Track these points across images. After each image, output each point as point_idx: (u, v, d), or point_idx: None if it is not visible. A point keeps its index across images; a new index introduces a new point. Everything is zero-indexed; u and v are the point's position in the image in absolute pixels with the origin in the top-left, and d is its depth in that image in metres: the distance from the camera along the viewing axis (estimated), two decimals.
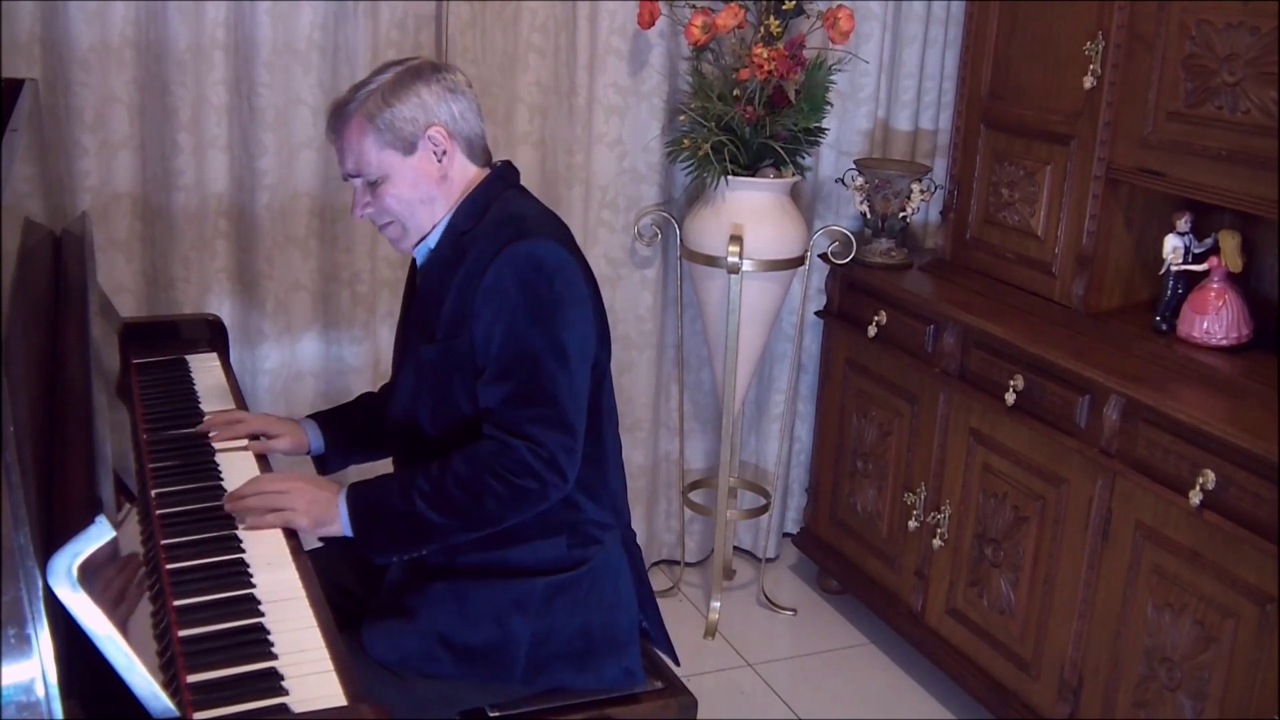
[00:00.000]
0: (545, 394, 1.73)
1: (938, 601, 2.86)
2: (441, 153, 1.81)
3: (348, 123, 1.80)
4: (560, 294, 1.75)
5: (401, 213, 1.83)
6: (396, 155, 1.80)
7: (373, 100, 1.78)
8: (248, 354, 2.81)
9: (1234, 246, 2.41)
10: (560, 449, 1.74)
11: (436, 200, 1.84)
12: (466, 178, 1.86)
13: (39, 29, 2.49)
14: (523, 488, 1.73)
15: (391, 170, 1.80)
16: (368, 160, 1.80)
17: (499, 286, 1.73)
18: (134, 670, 1.13)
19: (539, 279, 1.73)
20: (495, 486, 1.72)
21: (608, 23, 2.97)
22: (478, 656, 1.80)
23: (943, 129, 3.33)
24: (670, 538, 3.45)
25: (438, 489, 1.73)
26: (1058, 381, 2.48)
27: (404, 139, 1.79)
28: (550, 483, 1.74)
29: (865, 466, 3.11)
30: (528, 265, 1.74)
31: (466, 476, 1.72)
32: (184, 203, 2.66)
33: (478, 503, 1.72)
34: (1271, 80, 2.20)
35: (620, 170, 3.09)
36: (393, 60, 1.87)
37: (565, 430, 1.75)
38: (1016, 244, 2.82)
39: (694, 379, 3.35)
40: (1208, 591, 2.17)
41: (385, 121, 1.78)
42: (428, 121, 1.79)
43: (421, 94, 1.79)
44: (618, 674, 1.89)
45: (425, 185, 1.82)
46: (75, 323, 1.69)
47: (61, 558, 1.08)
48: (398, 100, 1.78)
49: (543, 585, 1.83)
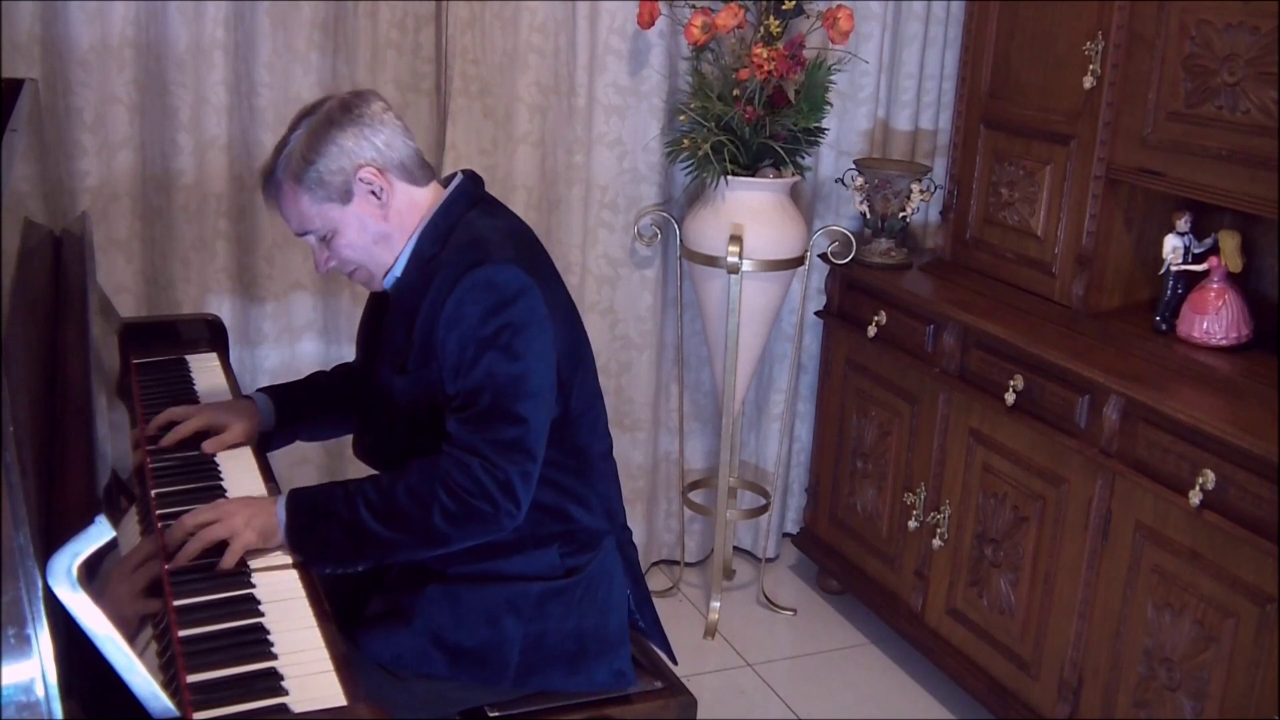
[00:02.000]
0: (505, 416, 1.71)
1: (938, 601, 2.86)
2: (379, 189, 1.77)
3: (280, 189, 1.78)
4: (520, 319, 1.72)
5: (361, 259, 1.82)
6: (336, 207, 1.77)
7: (294, 161, 1.75)
8: (248, 354, 2.81)
9: (1234, 246, 2.41)
10: (518, 475, 1.70)
11: (391, 235, 1.81)
12: (418, 203, 1.82)
13: (39, 29, 2.49)
14: (475, 508, 1.69)
15: (336, 223, 1.78)
16: (309, 219, 1.78)
17: (459, 314, 1.71)
18: (134, 670, 1.13)
19: (498, 304, 1.71)
20: (446, 502, 1.68)
21: (608, 23, 2.97)
22: (471, 657, 1.80)
23: (943, 129, 3.33)
24: (670, 538, 3.45)
25: (386, 498, 1.69)
26: (1058, 381, 2.48)
27: (337, 189, 1.76)
28: (503, 508, 1.70)
29: (865, 466, 3.11)
30: (486, 291, 1.71)
31: (418, 487, 1.69)
32: (184, 203, 2.66)
33: (426, 516, 1.68)
34: (1271, 80, 2.20)
35: (620, 170, 3.09)
36: (305, 109, 1.81)
37: (524, 454, 1.72)
38: (1016, 244, 2.82)
39: (694, 379, 3.35)
40: (1208, 591, 2.17)
41: (313, 179, 1.74)
42: (354, 165, 1.75)
43: (339, 140, 1.74)
44: (608, 676, 1.89)
45: (373, 225, 1.79)
46: (75, 323, 1.69)
47: (61, 558, 1.08)
48: (317, 155, 1.74)
49: (537, 589, 1.83)
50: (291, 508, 1.68)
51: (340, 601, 1.88)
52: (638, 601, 1.99)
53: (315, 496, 1.72)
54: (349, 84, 2.74)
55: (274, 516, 1.67)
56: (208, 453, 1.90)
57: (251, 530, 1.63)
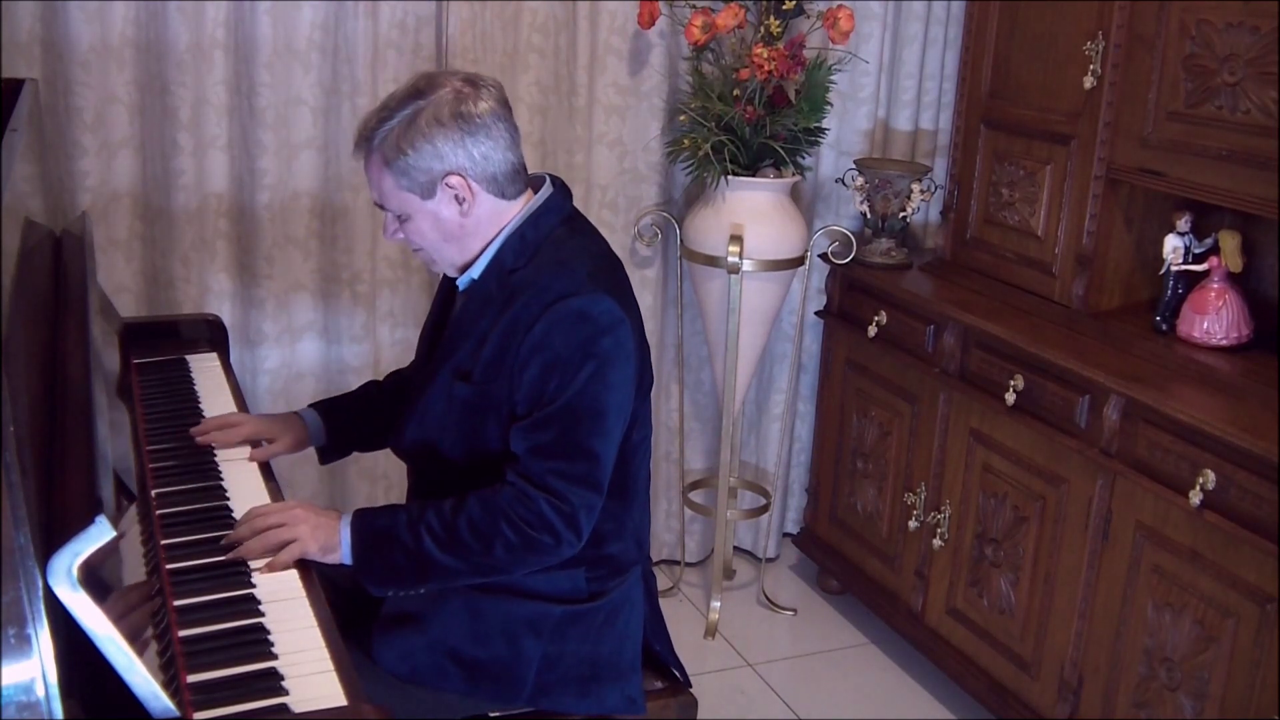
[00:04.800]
0: (578, 450, 1.70)
1: (938, 601, 2.86)
2: (463, 198, 1.73)
3: (370, 159, 1.74)
4: (608, 352, 1.70)
5: (428, 247, 1.79)
6: (415, 198, 1.73)
7: (389, 143, 1.70)
8: (248, 354, 2.81)
9: (1234, 246, 2.41)
10: (583, 507, 1.70)
11: (465, 240, 1.77)
12: (501, 214, 1.77)
13: (39, 29, 2.49)
14: (537, 540, 1.68)
15: (412, 211, 1.74)
16: (388, 198, 1.74)
17: (548, 343, 1.68)
18: (134, 670, 1.13)
19: (589, 338, 1.68)
20: (508, 534, 1.68)
21: (608, 23, 2.97)
22: (486, 673, 1.79)
23: (943, 129, 3.33)
24: (670, 538, 3.45)
25: (448, 529, 1.69)
26: (1058, 381, 2.48)
27: (421, 185, 1.71)
28: (565, 540, 1.70)
29: (865, 466, 3.11)
30: (578, 323, 1.68)
31: (480, 521, 1.68)
32: (184, 203, 2.66)
33: (488, 548, 1.68)
34: (1271, 80, 2.20)
35: (620, 170, 3.09)
36: (420, 85, 1.73)
37: (592, 488, 1.71)
38: (1016, 244, 2.82)
39: (694, 379, 3.35)
40: (1208, 591, 2.17)
41: (400, 168, 1.70)
42: (444, 170, 1.70)
43: (435, 142, 1.69)
44: (620, 701, 1.87)
45: (450, 226, 1.75)
46: (75, 323, 1.69)
47: (61, 558, 1.08)
48: (411, 148, 1.69)
49: (559, 612, 1.81)
50: (356, 529, 1.70)
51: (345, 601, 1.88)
52: (655, 627, 1.98)
53: (379, 521, 1.72)
54: (349, 84, 2.74)
55: (337, 534, 1.68)
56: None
57: (315, 542, 1.65)
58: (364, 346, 2.90)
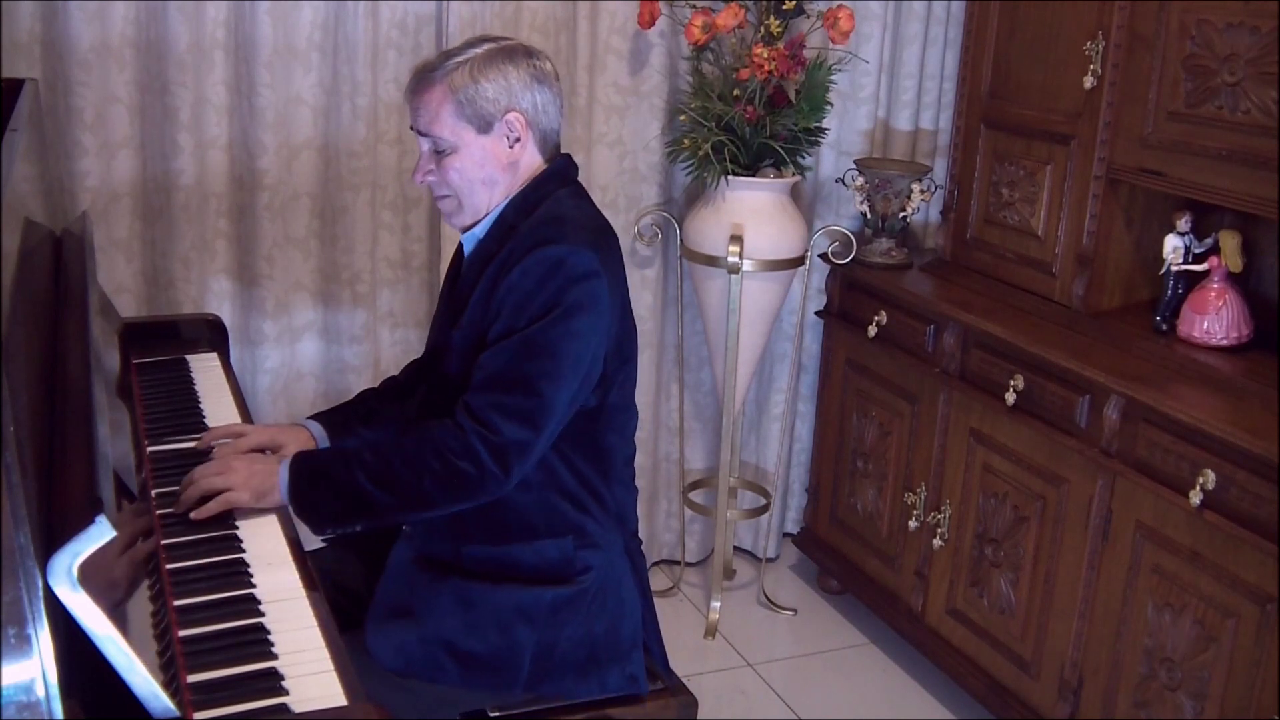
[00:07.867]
0: (523, 384, 1.71)
1: (938, 601, 2.86)
2: (515, 139, 1.81)
3: (431, 87, 1.79)
4: (578, 300, 1.73)
5: (461, 188, 1.83)
6: (471, 131, 1.79)
7: (460, 72, 1.78)
8: (248, 354, 2.81)
9: (1234, 246, 2.41)
10: (514, 443, 1.71)
11: (498, 184, 1.83)
12: (530, 168, 1.85)
13: (39, 29, 2.49)
14: (460, 470, 1.70)
15: (462, 144, 1.80)
16: (440, 125, 1.79)
17: (520, 284, 1.73)
18: (134, 670, 1.13)
19: (561, 284, 1.72)
20: (434, 465, 1.70)
21: (608, 23, 2.97)
22: (482, 664, 1.79)
23: (943, 129, 3.33)
24: (670, 538, 3.45)
25: (382, 462, 1.72)
26: (1058, 381, 2.48)
27: (482, 117, 1.79)
28: (489, 473, 1.70)
29: (865, 466, 3.12)
30: (554, 268, 1.73)
31: (412, 452, 1.71)
32: (184, 203, 2.66)
33: (418, 480, 1.70)
34: (1271, 80, 2.20)
35: (620, 170, 3.09)
36: (487, 35, 1.87)
37: (528, 425, 1.71)
38: (1016, 244, 2.82)
39: (694, 379, 3.35)
40: (1208, 591, 2.17)
41: (468, 95, 1.77)
42: (509, 105, 1.79)
43: (509, 76, 1.78)
44: (621, 681, 1.88)
45: (491, 167, 1.81)
46: (75, 323, 1.69)
47: (62, 558, 1.08)
48: (484, 78, 1.77)
49: (550, 596, 1.82)
50: (294, 470, 1.73)
51: (347, 601, 1.88)
52: (642, 613, 1.98)
53: (316, 460, 1.76)
54: (349, 84, 2.74)
55: (275, 477, 1.72)
56: None
57: (247, 489, 1.69)
58: (364, 346, 2.90)
